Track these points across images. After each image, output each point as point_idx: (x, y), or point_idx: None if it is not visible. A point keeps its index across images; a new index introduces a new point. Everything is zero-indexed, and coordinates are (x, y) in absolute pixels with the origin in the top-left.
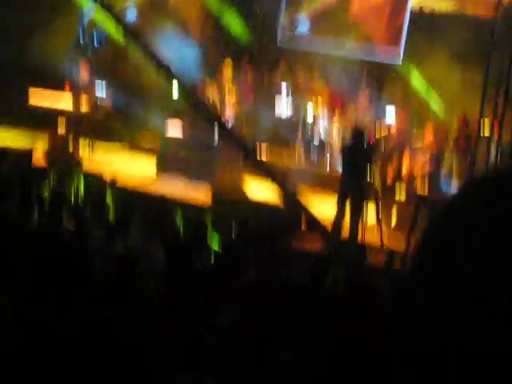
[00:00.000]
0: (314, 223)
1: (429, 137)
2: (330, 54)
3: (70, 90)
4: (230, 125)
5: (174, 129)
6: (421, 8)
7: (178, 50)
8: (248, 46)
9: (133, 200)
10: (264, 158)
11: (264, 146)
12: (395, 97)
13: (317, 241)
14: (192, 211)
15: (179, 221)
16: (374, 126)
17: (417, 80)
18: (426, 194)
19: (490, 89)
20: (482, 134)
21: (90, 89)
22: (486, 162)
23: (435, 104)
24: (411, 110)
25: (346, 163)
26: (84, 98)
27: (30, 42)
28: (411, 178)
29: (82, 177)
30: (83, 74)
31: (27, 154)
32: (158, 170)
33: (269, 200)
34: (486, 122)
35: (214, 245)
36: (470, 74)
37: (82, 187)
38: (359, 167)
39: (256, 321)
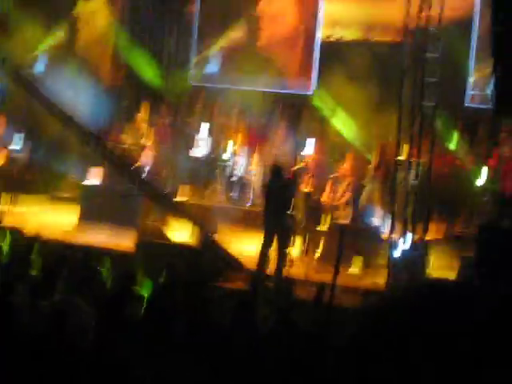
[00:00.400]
0: (233, 264)
1: (348, 165)
2: (243, 89)
3: None
4: (147, 168)
5: (95, 177)
6: (328, 37)
7: (90, 96)
8: (162, 87)
9: (58, 252)
10: (185, 199)
11: (185, 187)
12: (312, 128)
13: (243, 280)
14: (119, 259)
15: (107, 270)
16: (294, 159)
17: (331, 110)
18: (349, 222)
19: (405, 114)
20: (400, 159)
21: (5, 142)
22: (405, 187)
23: (352, 132)
24: (329, 140)
25: (267, 199)
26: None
27: None
28: (333, 208)
29: (2, 232)
30: None
31: None
32: (81, 219)
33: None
34: (405, 148)
35: (144, 292)
36: (384, 100)
37: (4, 242)
38: (281, 203)
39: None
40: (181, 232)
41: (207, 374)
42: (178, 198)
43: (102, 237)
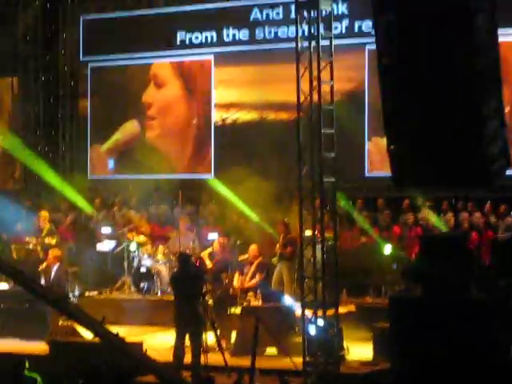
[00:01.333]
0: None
1: (254, 249)
2: (141, 179)
3: None
4: (55, 267)
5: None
6: (223, 120)
7: None
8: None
9: None
10: (95, 294)
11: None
12: (214, 212)
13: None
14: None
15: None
16: (199, 245)
17: (230, 195)
18: (261, 304)
19: (306, 191)
20: (306, 236)
21: None
22: (313, 263)
23: (254, 213)
24: (232, 222)
25: (176, 289)
26: None
27: None
28: (244, 291)
29: None
30: None
31: None
32: None
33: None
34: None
35: None
36: (283, 178)
37: None
38: (191, 291)
39: None
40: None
41: None
42: (87, 294)
43: (18, 343)
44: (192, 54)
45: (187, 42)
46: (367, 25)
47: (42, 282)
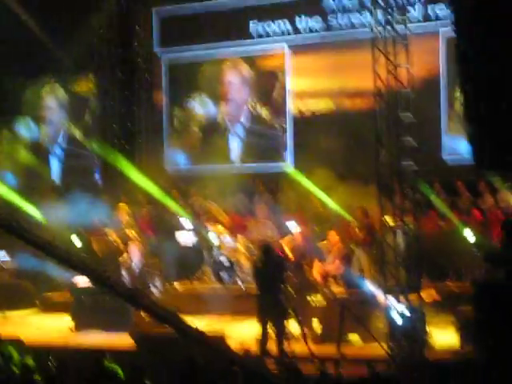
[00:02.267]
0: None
1: (333, 236)
2: (220, 171)
3: None
4: (136, 259)
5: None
6: (300, 111)
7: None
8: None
9: (60, 358)
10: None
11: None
12: (292, 202)
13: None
14: (124, 357)
15: (112, 369)
16: (280, 234)
17: (308, 184)
18: (344, 294)
19: (384, 177)
20: (386, 222)
21: None
22: (394, 251)
23: (331, 203)
24: (311, 211)
25: (259, 278)
26: None
27: None
28: (326, 281)
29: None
30: None
31: None
32: (74, 321)
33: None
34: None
35: None
36: (361, 165)
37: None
38: (273, 280)
39: None
40: None
41: None
42: (167, 285)
43: (99, 337)
44: (265, 43)
45: (261, 31)
46: (442, 9)
47: (123, 273)
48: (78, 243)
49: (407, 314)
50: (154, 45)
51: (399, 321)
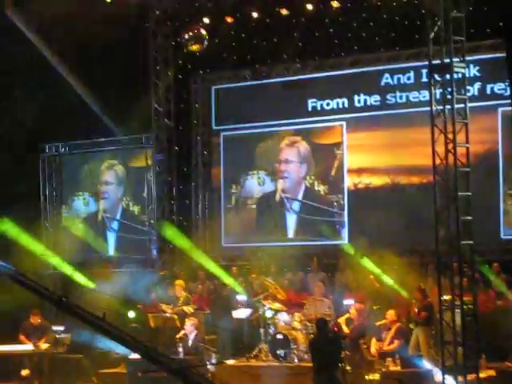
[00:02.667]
0: None
1: (392, 316)
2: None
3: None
4: (193, 335)
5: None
6: (355, 185)
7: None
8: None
9: None
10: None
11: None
12: (349, 277)
13: None
14: None
15: None
16: (336, 311)
17: (365, 261)
18: (399, 370)
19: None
20: (445, 299)
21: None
22: (453, 330)
23: (388, 281)
24: (367, 292)
25: (315, 355)
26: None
27: None
28: (382, 357)
29: None
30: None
31: None
32: None
33: None
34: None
35: None
36: (418, 242)
37: None
38: (329, 357)
39: None
40: None
41: None
42: (224, 362)
43: None
44: (322, 121)
45: (318, 108)
46: (499, 87)
47: (180, 350)
48: (133, 319)
49: None
50: (212, 121)
51: None
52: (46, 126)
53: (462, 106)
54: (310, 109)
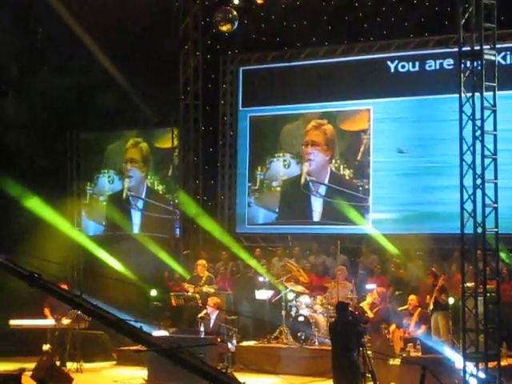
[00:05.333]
0: None
1: (414, 299)
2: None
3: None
4: (214, 315)
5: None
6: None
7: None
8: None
9: None
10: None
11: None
12: (371, 263)
13: None
14: None
15: None
16: (358, 295)
17: (389, 247)
18: (420, 354)
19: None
20: (468, 286)
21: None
22: (475, 318)
23: (412, 267)
24: (390, 277)
25: (335, 338)
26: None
27: None
28: (405, 345)
29: None
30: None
31: (14, 377)
32: (149, 378)
33: None
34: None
35: None
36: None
37: None
38: (349, 340)
39: None
40: None
41: None
42: (245, 343)
43: None
44: (350, 105)
45: (346, 92)
46: None
47: (201, 329)
48: (155, 297)
49: (486, 381)
50: (239, 103)
51: None
52: (73, 104)
53: (491, 93)
54: (337, 92)
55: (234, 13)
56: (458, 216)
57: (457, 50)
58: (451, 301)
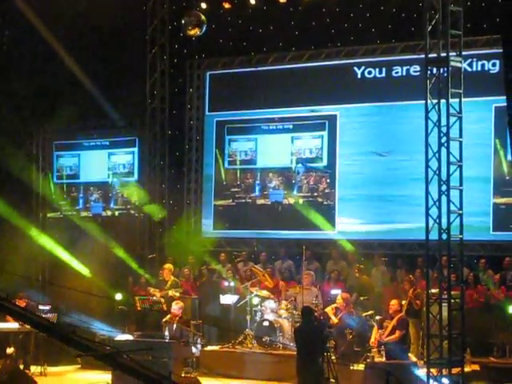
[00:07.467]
0: None
1: (395, 303)
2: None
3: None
4: (176, 323)
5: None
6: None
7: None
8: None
9: None
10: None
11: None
12: (337, 268)
13: None
14: None
15: None
16: (323, 300)
17: (351, 250)
18: (384, 360)
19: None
20: (432, 292)
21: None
22: (439, 324)
23: (375, 272)
24: (355, 279)
25: (299, 345)
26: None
27: None
28: (380, 346)
29: None
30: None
31: None
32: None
33: None
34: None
35: None
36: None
37: None
38: (314, 345)
39: None
40: None
41: None
42: (209, 347)
43: None
44: (315, 110)
45: (312, 97)
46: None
47: (166, 333)
48: (120, 301)
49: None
50: (205, 107)
51: None
52: (40, 109)
53: (457, 100)
54: (303, 98)
55: (203, 17)
56: (424, 222)
57: (423, 56)
58: None
